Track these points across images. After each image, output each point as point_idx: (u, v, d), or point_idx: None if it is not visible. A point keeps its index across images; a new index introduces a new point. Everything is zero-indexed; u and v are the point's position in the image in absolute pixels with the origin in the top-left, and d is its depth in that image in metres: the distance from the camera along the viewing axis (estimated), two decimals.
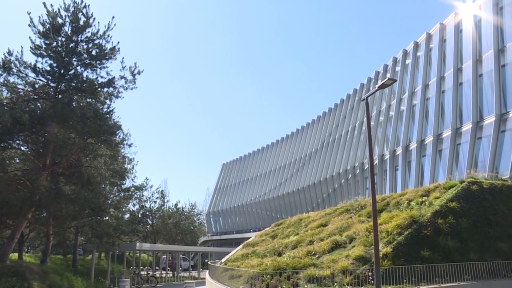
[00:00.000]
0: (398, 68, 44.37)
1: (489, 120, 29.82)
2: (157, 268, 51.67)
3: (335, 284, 14.48)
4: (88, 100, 24.10)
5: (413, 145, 38.08)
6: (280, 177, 71.14)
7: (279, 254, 20.45)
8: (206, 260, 52.64)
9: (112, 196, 34.69)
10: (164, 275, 45.99)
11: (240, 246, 28.98)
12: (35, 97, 22.90)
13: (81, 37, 22.87)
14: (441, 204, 19.51)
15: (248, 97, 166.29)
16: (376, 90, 15.70)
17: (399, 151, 40.14)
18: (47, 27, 22.08)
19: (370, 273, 14.60)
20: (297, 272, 15.62)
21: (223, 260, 26.57)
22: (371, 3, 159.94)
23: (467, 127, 31.96)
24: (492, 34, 31.20)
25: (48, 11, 22.08)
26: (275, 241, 25.12)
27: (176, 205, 59.44)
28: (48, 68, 22.60)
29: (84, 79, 23.16)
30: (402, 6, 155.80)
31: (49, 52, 22.37)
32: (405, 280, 14.63)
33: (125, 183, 37.44)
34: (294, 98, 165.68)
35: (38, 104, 22.97)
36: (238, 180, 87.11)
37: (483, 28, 32.70)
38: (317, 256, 17.85)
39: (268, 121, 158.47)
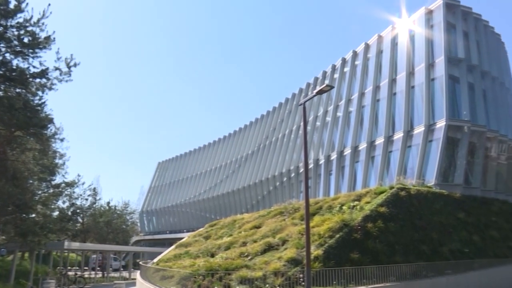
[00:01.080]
0: (336, 75, 45.61)
1: (419, 130, 31.36)
2: (86, 268, 49.81)
3: (267, 285, 14.58)
4: (17, 90, 22.76)
5: (347, 151, 39.26)
6: (215, 177, 70.92)
7: (212, 255, 20.36)
8: (138, 260, 51.41)
9: (40, 192, 33.03)
10: (93, 276, 44.41)
11: (173, 247, 28.66)
12: None
13: (11, 22, 21.48)
14: (372, 208, 20.32)
15: (186, 97, 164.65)
16: (314, 96, 16.05)
17: (334, 156, 41.25)
18: None
19: (301, 275, 14.85)
20: (230, 273, 15.59)
21: (155, 260, 26.11)
22: (317, 10, 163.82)
23: (398, 135, 33.41)
24: (424, 49, 32.88)
25: None
26: (209, 242, 25.06)
27: (108, 203, 57.78)
28: None
29: (14, 67, 21.85)
30: (345, 15, 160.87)
31: None
32: (334, 282, 15.03)
33: (55, 179, 35.74)
34: (234, 100, 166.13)
35: None
36: (173, 179, 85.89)
37: (416, 43, 34.36)
38: (249, 257, 17.92)
39: (206, 122, 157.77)
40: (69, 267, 46.51)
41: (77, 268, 49.47)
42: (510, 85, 40.01)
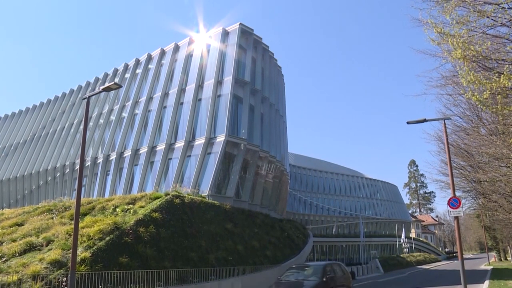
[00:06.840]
0: (127, 75, 44.37)
1: (200, 141, 32.58)
2: None
3: None
4: None
5: (128, 153, 38.32)
6: None
7: None
8: None
9: None
10: None
11: None
12: None
13: None
14: (145, 213, 20.34)
15: None
16: (100, 92, 15.89)
17: (113, 156, 39.77)
18: None
19: (65, 278, 13.94)
20: None
21: None
22: (124, 11, 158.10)
23: (180, 144, 34.06)
24: (216, 66, 34.57)
25: None
26: None
27: None
28: None
29: None
30: (147, 24, 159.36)
31: None
32: (100, 286, 14.48)
33: None
34: (13, 82, 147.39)
35: None
36: None
37: (210, 59, 35.91)
38: (4, 259, 16.14)
39: None
40: None
41: None
42: (284, 113, 45.14)
